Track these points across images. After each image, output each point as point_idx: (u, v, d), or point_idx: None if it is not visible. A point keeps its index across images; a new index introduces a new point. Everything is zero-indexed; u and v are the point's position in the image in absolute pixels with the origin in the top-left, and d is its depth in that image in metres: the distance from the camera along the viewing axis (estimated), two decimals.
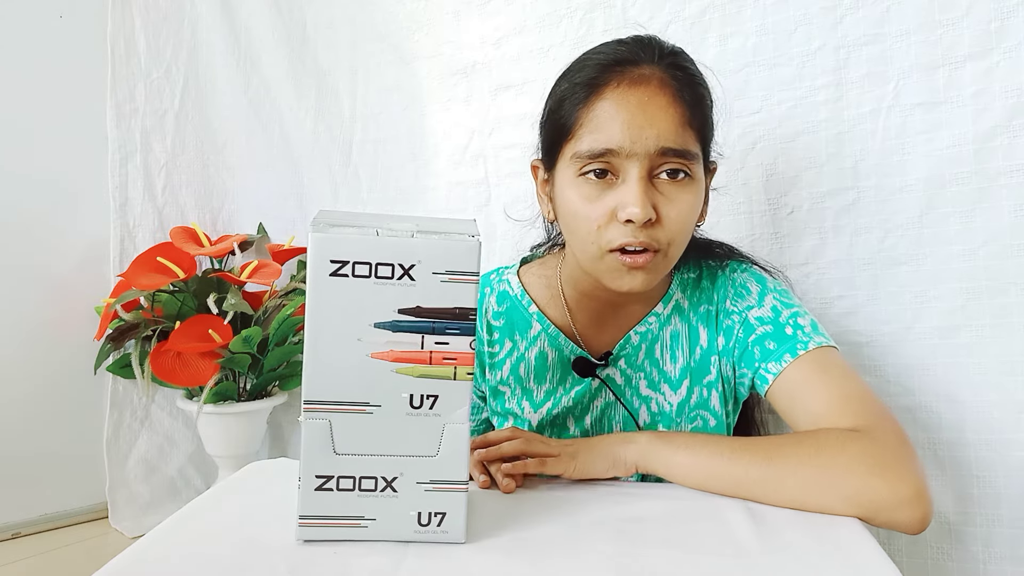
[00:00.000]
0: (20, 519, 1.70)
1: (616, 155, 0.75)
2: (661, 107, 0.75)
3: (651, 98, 0.75)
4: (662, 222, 0.75)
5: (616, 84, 0.76)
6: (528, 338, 0.90)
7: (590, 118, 0.76)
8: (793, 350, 0.79)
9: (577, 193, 0.77)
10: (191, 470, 1.88)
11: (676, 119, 0.75)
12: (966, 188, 0.96)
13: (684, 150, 0.75)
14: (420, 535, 0.59)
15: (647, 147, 0.74)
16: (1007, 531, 0.96)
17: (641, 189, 0.74)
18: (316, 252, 0.55)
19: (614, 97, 0.75)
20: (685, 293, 0.90)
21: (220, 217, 1.92)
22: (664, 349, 0.89)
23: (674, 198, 0.76)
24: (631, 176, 0.74)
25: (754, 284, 0.87)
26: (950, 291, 0.98)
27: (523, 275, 0.94)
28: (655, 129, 0.74)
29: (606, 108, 0.75)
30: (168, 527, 0.64)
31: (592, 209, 0.76)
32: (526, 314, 0.91)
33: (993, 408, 0.96)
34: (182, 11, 1.84)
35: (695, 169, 0.77)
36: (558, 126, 0.80)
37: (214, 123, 1.87)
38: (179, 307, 1.72)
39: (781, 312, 0.83)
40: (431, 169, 1.49)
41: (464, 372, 0.58)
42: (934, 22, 0.96)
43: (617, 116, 0.75)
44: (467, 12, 1.40)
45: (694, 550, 0.60)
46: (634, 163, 0.74)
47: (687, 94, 0.77)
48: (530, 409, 0.90)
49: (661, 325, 0.89)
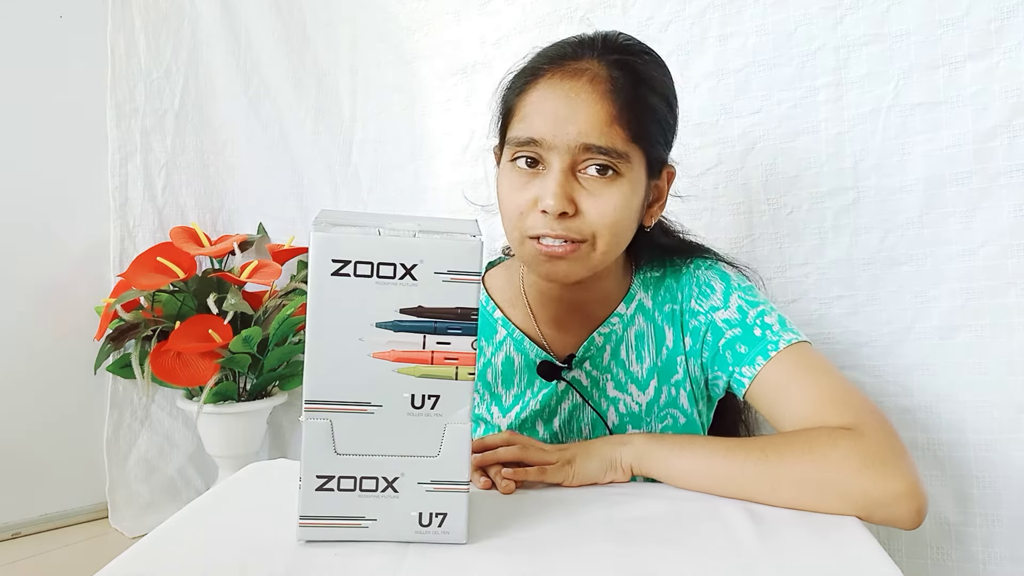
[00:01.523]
0: (20, 519, 1.70)
1: (539, 145, 0.75)
2: (586, 102, 0.74)
3: (578, 93, 0.74)
4: (582, 215, 0.75)
5: (551, 75, 0.76)
6: (494, 343, 0.90)
7: (522, 106, 0.77)
8: (764, 352, 0.79)
9: (507, 179, 0.79)
10: (191, 470, 1.88)
11: (601, 116, 0.74)
12: (966, 188, 0.96)
13: (609, 148, 0.74)
14: (421, 535, 0.59)
15: (567, 141, 0.74)
16: (1007, 531, 0.96)
17: (559, 182, 0.74)
18: (318, 252, 0.55)
19: (544, 87, 0.76)
20: (648, 292, 0.89)
21: (220, 217, 1.92)
22: (629, 350, 0.88)
23: (597, 193, 0.75)
24: (552, 168, 0.75)
25: (718, 282, 0.86)
26: (950, 291, 0.98)
27: (488, 280, 0.94)
28: (576, 125, 0.73)
29: (535, 98, 0.76)
30: (168, 527, 0.64)
31: (517, 196, 0.77)
32: (491, 320, 0.90)
33: (993, 408, 0.96)
34: (182, 11, 1.84)
35: (625, 168, 0.75)
36: (501, 112, 0.82)
37: (214, 123, 1.87)
38: (179, 307, 1.72)
39: (747, 313, 0.82)
40: (431, 169, 1.49)
41: (466, 372, 0.58)
42: (934, 22, 0.96)
43: (543, 107, 0.75)
44: (467, 12, 1.40)
45: (694, 550, 0.60)
46: (555, 155, 0.75)
47: (624, 94, 0.75)
48: (499, 414, 0.89)
49: (625, 326, 0.88)
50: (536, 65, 0.78)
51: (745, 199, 1.12)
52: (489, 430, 0.90)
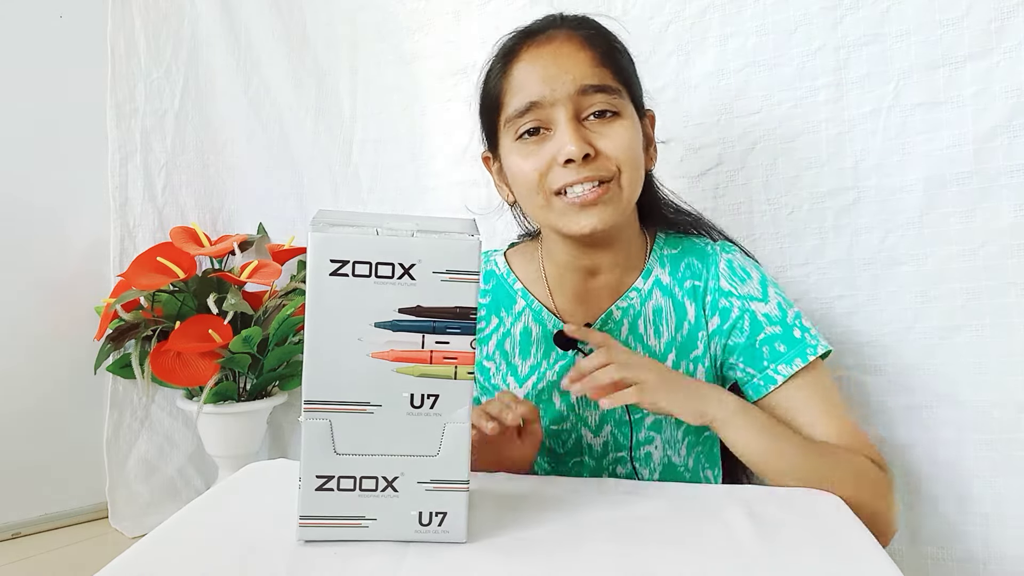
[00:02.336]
0: (20, 519, 1.70)
1: (541, 107, 0.80)
2: (571, 53, 0.80)
3: (560, 47, 0.81)
4: (602, 154, 0.80)
5: (527, 47, 0.83)
6: (513, 314, 0.93)
7: (510, 82, 0.82)
8: (803, 354, 0.83)
9: (516, 156, 0.82)
10: (191, 470, 1.88)
11: (588, 60, 0.80)
12: (966, 188, 0.96)
13: (603, 85, 0.80)
14: (421, 535, 0.59)
15: (567, 90, 0.79)
16: (1007, 531, 0.96)
17: (572, 128, 0.78)
18: (316, 252, 0.55)
19: (528, 57, 0.82)
20: (665, 268, 0.91)
21: (220, 217, 1.92)
22: (647, 324, 0.90)
23: (606, 133, 0.80)
24: (560, 120, 0.79)
25: (753, 271, 0.89)
26: (950, 291, 0.98)
27: (509, 256, 0.98)
28: (570, 73, 0.79)
29: (523, 68, 0.82)
30: (168, 527, 0.64)
31: (532, 163, 0.81)
32: (511, 291, 0.94)
33: (993, 408, 0.96)
34: (182, 11, 1.83)
35: (621, 105, 0.82)
36: (488, 103, 0.86)
37: (214, 123, 1.87)
38: (179, 307, 1.72)
39: (787, 312, 0.86)
40: (431, 169, 1.49)
41: (465, 371, 0.58)
42: (934, 22, 0.96)
43: (533, 71, 0.81)
44: (467, 12, 1.40)
45: (694, 550, 0.60)
46: (559, 109, 0.79)
47: (597, 40, 0.82)
48: (515, 384, 0.92)
49: (643, 300, 0.90)
50: (508, 46, 0.84)
51: (746, 199, 1.12)
52: None
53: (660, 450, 0.90)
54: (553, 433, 0.93)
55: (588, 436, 0.92)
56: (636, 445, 0.90)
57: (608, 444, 0.92)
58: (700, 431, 0.91)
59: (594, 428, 0.92)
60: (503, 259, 0.97)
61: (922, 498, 1.01)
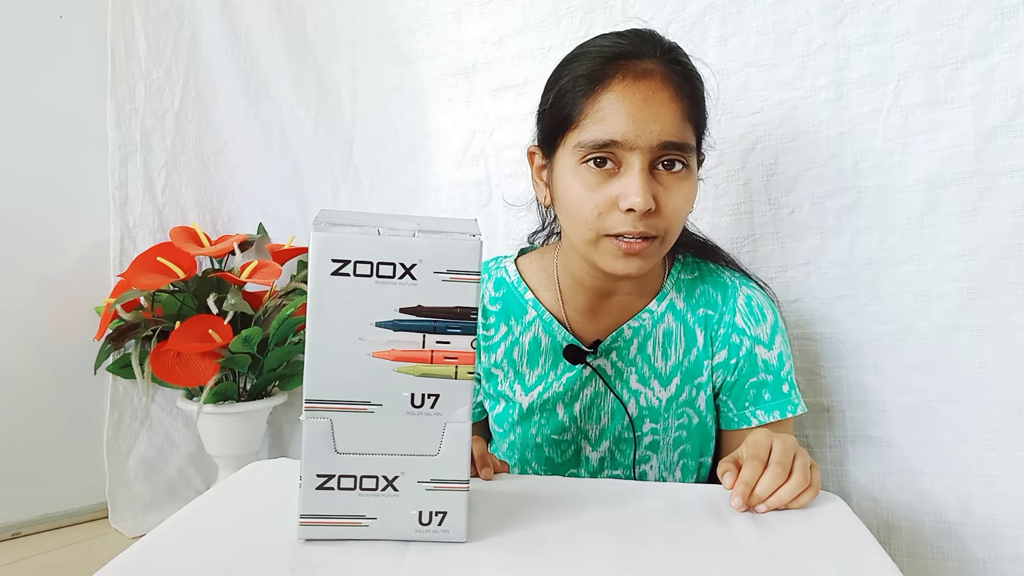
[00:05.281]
0: (20, 519, 1.70)
1: (619, 146, 0.77)
2: (664, 102, 0.78)
3: (655, 93, 0.78)
4: (661, 212, 0.78)
5: (621, 77, 0.78)
6: (523, 323, 0.93)
7: (595, 109, 0.78)
8: (783, 409, 0.88)
9: (579, 180, 0.80)
10: (191, 470, 1.88)
11: (677, 114, 0.78)
12: (966, 188, 0.96)
13: (683, 143, 0.79)
14: (421, 534, 0.59)
15: (650, 140, 0.77)
16: (1007, 531, 0.96)
17: (643, 180, 0.77)
18: (318, 251, 0.55)
19: (619, 90, 0.78)
20: (680, 293, 0.92)
21: (220, 217, 1.92)
22: (656, 346, 0.90)
23: (672, 189, 0.79)
24: (634, 167, 0.77)
25: (769, 313, 0.90)
26: (951, 291, 0.97)
27: (520, 263, 0.97)
28: (659, 124, 0.77)
29: (611, 100, 0.78)
30: (168, 527, 0.64)
31: (594, 197, 0.79)
32: (521, 300, 0.93)
33: (993, 408, 0.96)
34: (182, 11, 1.84)
35: (691, 161, 0.81)
36: (561, 116, 0.81)
37: (214, 123, 1.87)
38: (179, 307, 1.72)
39: (784, 365, 0.89)
40: (431, 169, 1.49)
41: (465, 371, 0.58)
42: (934, 22, 0.96)
43: (622, 109, 0.77)
44: (467, 12, 1.40)
45: (694, 550, 0.60)
46: (636, 155, 0.77)
47: (687, 89, 0.80)
48: (521, 392, 0.92)
49: (655, 322, 0.90)
50: (597, 68, 0.79)
51: (746, 199, 1.12)
52: (510, 407, 0.94)
53: (655, 471, 0.93)
54: (553, 443, 0.93)
55: (587, 449, 0.93)
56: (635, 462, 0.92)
57: (605, 460, 0.93)
58: (695, 457, 0.94)
59: (593, 442, 0.93)
60: (513, 267, 0.96)
61: (922, 498, 1.01)
